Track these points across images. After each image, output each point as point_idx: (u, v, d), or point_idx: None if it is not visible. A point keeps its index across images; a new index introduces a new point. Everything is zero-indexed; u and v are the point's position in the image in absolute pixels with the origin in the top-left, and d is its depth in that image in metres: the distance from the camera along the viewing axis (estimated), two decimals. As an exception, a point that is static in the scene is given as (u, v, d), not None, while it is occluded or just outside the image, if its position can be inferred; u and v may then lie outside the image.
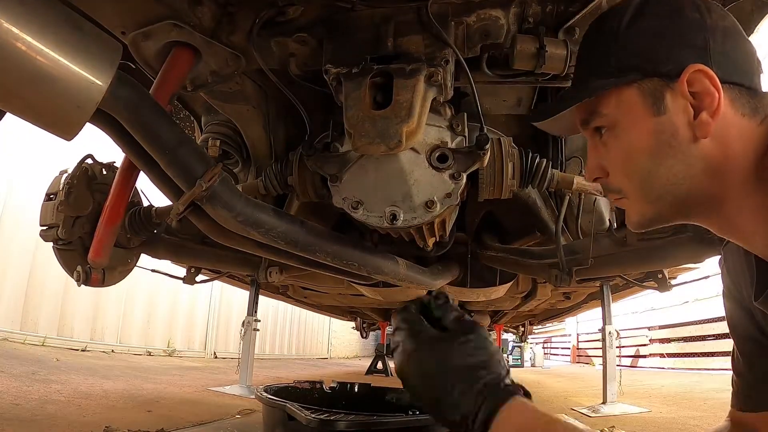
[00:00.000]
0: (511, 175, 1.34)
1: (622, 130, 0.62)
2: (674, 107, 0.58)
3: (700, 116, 0.56)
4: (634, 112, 0.60)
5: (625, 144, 0.62)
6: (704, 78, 0.56)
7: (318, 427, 1.18)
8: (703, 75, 0.56)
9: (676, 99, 0.58)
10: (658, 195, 0.61)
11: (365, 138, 1.02)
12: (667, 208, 0.61)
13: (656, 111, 0.59)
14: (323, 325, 11.41)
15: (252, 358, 3.55)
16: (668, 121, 0.58)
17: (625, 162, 0.62)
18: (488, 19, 1.09)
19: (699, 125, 0.57)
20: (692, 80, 0.57)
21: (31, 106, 0.76)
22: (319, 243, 1.32)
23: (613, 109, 0.62)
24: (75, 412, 1.98)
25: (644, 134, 0.60)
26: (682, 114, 0.58)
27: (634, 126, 0.61)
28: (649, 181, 0.61)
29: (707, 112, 0.56)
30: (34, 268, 4.43)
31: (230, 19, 1.13)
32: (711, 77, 0.56)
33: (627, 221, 0.66)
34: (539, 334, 13.35)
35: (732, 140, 0.57)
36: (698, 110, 0.57)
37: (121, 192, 1.24)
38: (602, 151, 0.65)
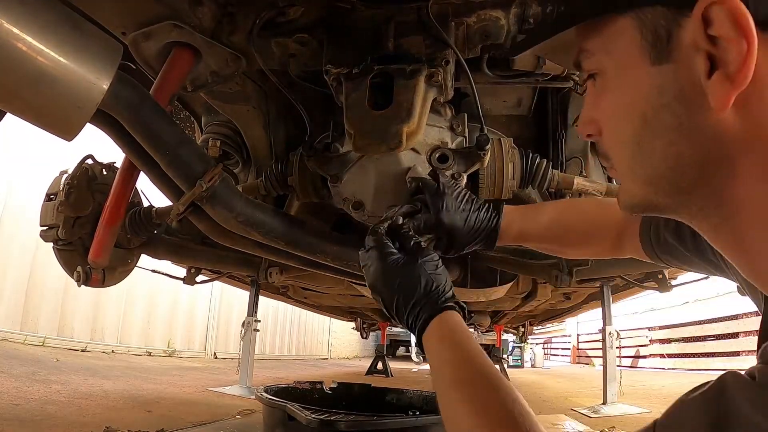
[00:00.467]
0: (512, 176, 1.34)
1: (610, 78, 0.46)
2: (683, 54, 0.39)
3: (719, 72, 0.37)
4: (628, 53, 0.43)
5: (615, 98, 0.46)
6: (731, 13, 0.36)
7: (318, 427, 1.18)
8: (730, 9, 0.36)
9: (687, 43, 0.39)
10: (649, 177, 0.45)
11: (366, 138, 1.02)
12: (660, 196, 0.45)
13: (656, 56, 0.41)
14: (323, 326, 11.41)
15: (252, 358, 3.55)
16: (671, 75, 0.40)
17: (615, 124, 0.47)
18: (488, 20, 1.09)
19: (716, 87, 0.37)
20: (713, 16, 0.37)
21: (32, 107, 0.76)
22: (319, 243, 1.32)
23: (600, 46, 0.46)
24: (75, 412, 1.98)
25: (637, 89, 0.43)
26: (693, 70, 0.39)
27: (624, 74, 0.44)
28: (640, 156, 0.44)
29: (732, 67, 0.36)
30: (34, 268, 4.43)
31: (230, 20, 1.13)
32: (741, 14, 0.36)
33: (617, 198, 0.52)
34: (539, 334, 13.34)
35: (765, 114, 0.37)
36: (718, 63, 0.37)
37: (121, 192, 1.24)
38: (595, 102, 0.49)
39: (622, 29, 0.43)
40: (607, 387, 3.16)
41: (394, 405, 1.92)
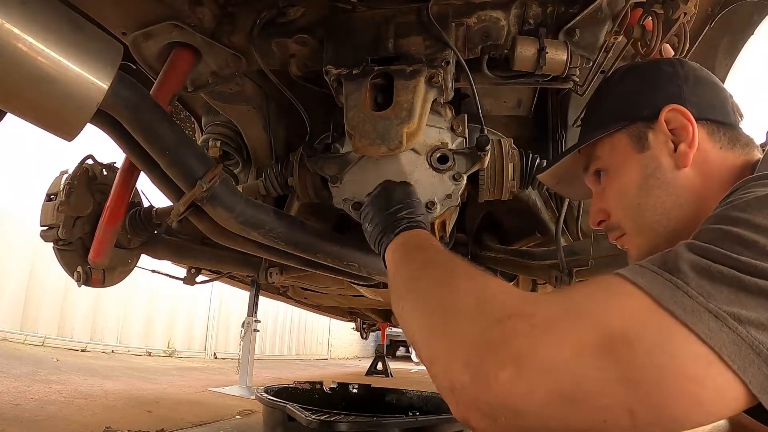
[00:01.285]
0: (512, 176, 1.34)
1: (614, 170, 0.71)
2: (656, 143, 0.67)
3: (679, 147, 0.64)
4: (623, 152, 0.70)
5: (619, 181, 0.70)
6: (679, 115, 0.65)
7: (318, 427, 1.18)
8: (678, 112, 0.65)
9: (657, 136, 0.66)
10: (650, 226, 0.67)
11: (366, 139, 1.02)
12: (661, 238, 0.66)
13: (641, 149, 0.68)
14: (323, 326, 11.40)
15: (252, 358, 3.55)
16: (651, 155, 0.67)
17: (619, 197, 0.70)
18: (489, 21, 1.09)
19: (679, 156, 0.64)
20: (669, 118, 0.66)
21: (32, 107, 0.76)
22: (320, 244, 1.32)
23: (607, 152, 0.72)
24: (75, 412, 1.97)
25: (632, 170, 0.68)
26: (664, 148, 0.66)
27: (623, 164, 0.70)
28: (641, 213, 0.67)
29: (685, 143, 0.64)
30: (34, 268, 4.43)
31: (231, 20, 1.13)
32: (685, 113, 0.65)
33: (629, 260, 0.71)
34: (539, 335, 13.34)
35: (712, 169, 0.64)
36: (677, 143, 0.65)
37: (121, 192, 1.24)
38: (602, 196, 0.74)
39: (618, 138, 0.71)
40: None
41: (394, 405, 1.92)
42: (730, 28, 1.41)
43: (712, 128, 0.66)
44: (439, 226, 1.33)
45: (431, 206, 1.15)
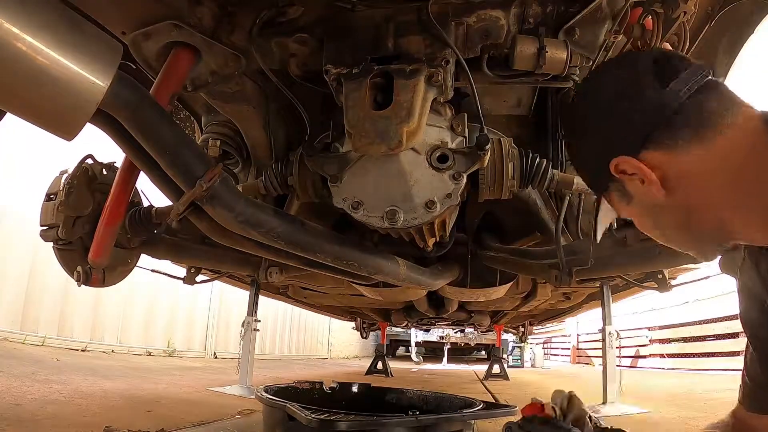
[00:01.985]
0: (512, 176, 1.34)
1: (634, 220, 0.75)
2: (633, 190, 0.69)
3: (645, 185, 0.66)
4: (622, 208, 0.74)
5: (640, 227, 0.75)
6: (621, 165, 0.66)
7: (318, 427, 1.18)
8: (621, 164, 0.66)
9: (629, 185, 0.69)
10: (686, 243, 0.72)
11: (365, 138, 1.02)
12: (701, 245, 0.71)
13: (629, 200, 0.71)
14: (323, 326, 11.40)
15: (252, 358, 3.54)
16: (638, 201, 0.69)
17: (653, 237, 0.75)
18: (488, 20, 1.09)
19: (650, 190, 0.66)
20: (621, 170, 0.67)
21: (32, 107, 0.76)
22: (319, 243, 1.32)
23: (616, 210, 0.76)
24: (75, 411, 1.97)
25: (639, 217, 0.73)
26: (640, 190, 0.68)
27: (631, 215, 0.74)
28: (672, 239, 0.73)
29: (645, 183, 0.65)
30: (34, 268, 4.42)
31: (230, 19, 1.13)
32: (625, 160, 0.66)
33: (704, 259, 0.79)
34: (539, 334, 13.32)
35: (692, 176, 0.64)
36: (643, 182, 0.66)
37: (121, 192, 1.24)
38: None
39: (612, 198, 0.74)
40: (607, 387, 3.16)
41: (394, 405, 1.92)
42: (729, 27, 1.41)
43: (660, 140, 0.64)
44: (439, 225, 1.33)
45: (431, 206, 1.15)
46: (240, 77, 1.31)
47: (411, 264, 1.68)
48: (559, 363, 12.57)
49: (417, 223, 1.16)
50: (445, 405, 1.82)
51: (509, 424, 0.92)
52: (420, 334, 10.52)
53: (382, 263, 1.52)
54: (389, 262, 1.55)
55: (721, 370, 5.93)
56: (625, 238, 1.64)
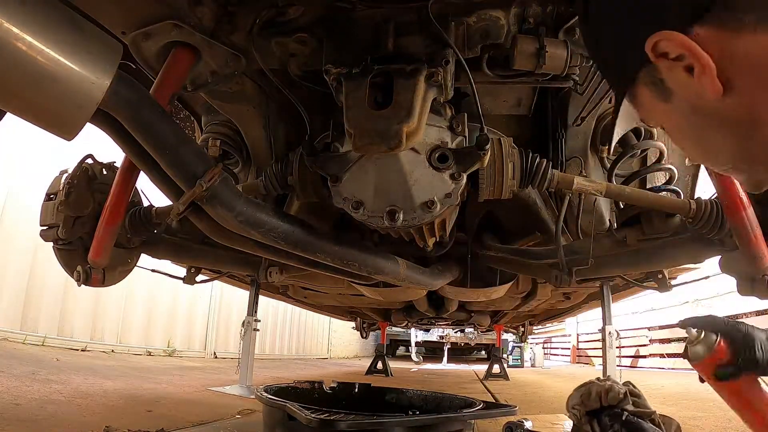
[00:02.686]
0: (512, 176, 1.34)
1: (665, 126, 0.58)
2: (674, 83, 0.51)
3: (696, 74, 0.48)
4: (655, 109, 0.56)
5: (675, 138, 0.59)
6: (664, 41, 0.48)
7: (318, 426, 1.18)
8: (662, 40, 0.49)
9: (669, 75, 0.51)
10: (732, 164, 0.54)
11: (365, 138, 1.02)
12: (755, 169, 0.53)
13: (666, 97, 0.53)
14: (323, 326, 11.41)
15: (252, 358, 3.54)
16: (679, 99, 0.52)
17: (689, 152, 0.59)
18: (488, 20, 1.09)
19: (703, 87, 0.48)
20: (662, 51, 0.49)
21: (32, 106, 0.76)
22: (319, 243, 1.32)
23: (644, 112, 0.58)
24: (75, 411, 1.97)
25: (675, 123, 0.55)
26: (684, 84, 0.50)
27: (665, 119, 0.57)
28: (717, 158, 0.55)
29: (698, 68, 0.47)
30: (34, 267, 4.42)
31: (230, 19, 1.13)
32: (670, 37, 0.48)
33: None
34: (539, 334, 13.34)
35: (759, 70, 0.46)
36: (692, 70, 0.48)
37: (121, 192, 1.24)
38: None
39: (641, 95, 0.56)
40: (607, 387, 3.15)
41: (394, 404, 1.92)
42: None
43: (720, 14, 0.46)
44: (439, 225, 1.33)
45: (431, 205, 1.15)
46: (240, 77, 1.31)
47: (411, 264, 1.68)
48: (559, 363, 12.57)
49: (417, 222, 1.16)
50: (445, 405, 1.82)
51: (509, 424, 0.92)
52: (420, 333, 10.53)
53: (382, 263, 1.52)
54: (389, 262, 1.55)
55: (721, 370, 5.93)
56: (625, 238, 1.64)
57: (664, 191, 1.60)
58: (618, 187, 1.45)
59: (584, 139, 1.60)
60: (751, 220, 1.28)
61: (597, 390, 1.06)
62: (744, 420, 0.96)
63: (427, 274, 1.81)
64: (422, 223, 1.17)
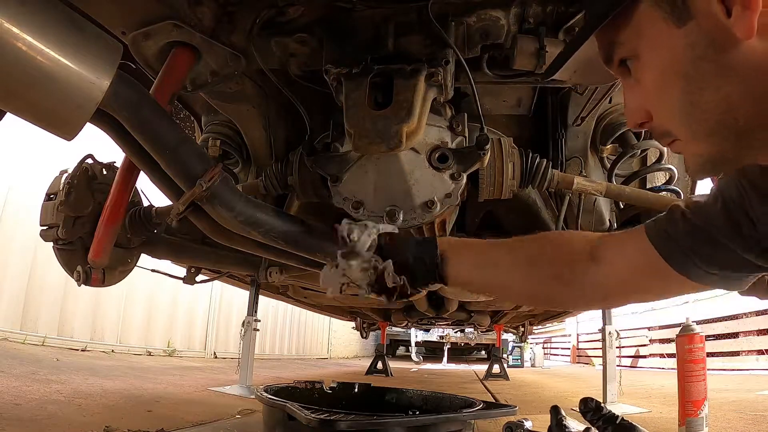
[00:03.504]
0: (512, 176, 1.34)
1: (647, 57, 0.50)
2: (699, 8, 0.44)
3: (734, 10, 0.42)
4: (655, 30, 0.48)
5: (657, 74, 0.50)
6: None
7: (318, 427, 1.18)
8: None
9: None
10: (710, 128, 0.48)
11: (365, 138, 1.02)
12: (727, 142, 0.48)
13: (678, 20, 0.46)
14: (323, 325, 11.41)
15: (252, 358, 3.54)
16: (697, 28, 0.45)
17: (662, 95, 0.50)
18: (488, 20, 1.09)
19: (738, 19, 0.42)
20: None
21: (32, 106, 0.76)
22: (319, 243, 1.32)
23: (633, 34, 0.50)
24: (75, 412, 1.97)
25: (674, 55, 0.47)
26: (714, 15, 0.44)
27: (658, 47, 0.48)
28: (696, 114, 0.48)
29: (741, 4, 0.42)
30: (34, 267, 4.43)
31: (230, 19, 1.13)
32: None
33: (686, 169, 0.55)
34: (539, 334, 13.33)
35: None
36: (729, 3, 0.43)
37: (121, 192, 1.24)
38: (637, 90, 0.53)
39: (642, 12, 0.48)
40: (607, 387, 3.16)
41: (394, 405, 1.92)
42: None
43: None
44: (439, 225, 1.33)
45: (431, 205, 1.15)
46: (240, 77, 1.31)
47: (411, 264, 1.68)
48: (559, 363, 12.57)
49: (417, 222, 1.16)
50: (445, 405, 1.82)
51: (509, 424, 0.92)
52: (420, 333, 10.53)
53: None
54: (389, 262, 1.55)
55: (720, 370, 5.93)
56: (625, 237, 1.64)
57: (664, 191, 1.60)
58: (618, 187, 1.45)
59: (584, 139, 1.60)
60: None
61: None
62: None
63: (427, 274, 1.81)
64: (422, 223, 1.17)
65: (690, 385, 2.49)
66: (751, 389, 3.78)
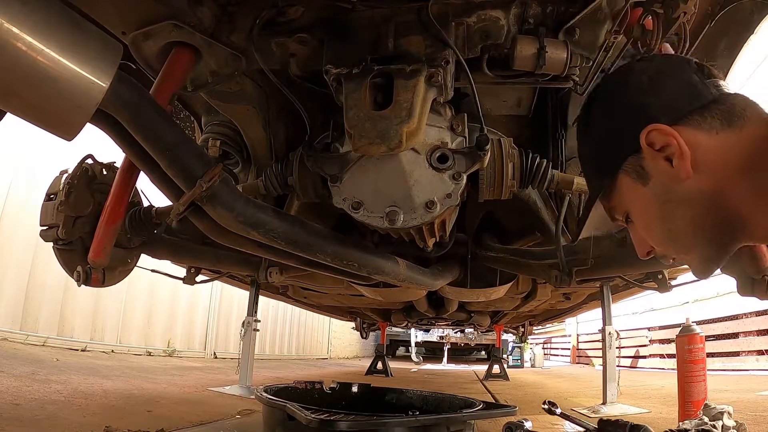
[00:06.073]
0: (511, 176, 1.34)
1: (634, 211, 0.71)
2: (653, 169, 0.65)
3: (674, 163, 0.63)
4: (632, 192, 0.69)
5: (642, 220, 0.71)
6: (656, 133, 0.63)
7: (318, 427, 1.18)
8: (654, 131, 0.63)
9: (651, 163, 0.65)
10: (692, 244, 0.66)
11: (365, 138, 1.02)
12: (708, 248, 0.66)
13: (644, 182, 0.67)
14: (323, 326, 11.40)
15: (252, 358, 3.54)
16: (656, 183, 0.66)
17: (652, 233, 0.70)
18: (488, 20, 1.09)
19: (678, 170, 0.62)
20: (650, 141, 0.64)
21: (32, 106, 0.76)
22: (319, 243, 1.32)
23: (618, 199, 0.72)
24: (75, 412, 1.97)
25: (648, 205, 0.68)
26: (663, 170, 0.64)
27: (638, 203, 0.70)
28: (678, 238, 0.67)
29: (677, 156, 0.62)
30: (34, 268, 4.42)
31: (230, 19, 1.13)
32: (660, 129, 0.63)
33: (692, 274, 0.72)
34: (539, 334, 13.34)
35: (719, 159, 0.62)
36: (671, 158, 0.63)
37: (121, 192, 1.24)
38: (636, 232, 0.74)
39: (621, 183, 0.70)
40: (607, 387, 3.16)
41: (394, 405, 1.92)
42: (730, 28, 1.41)
43: (695, 120, 0.64)
44: (439, 225, 1.33)
45: (431, 206, 1.15)
46: (240, 77, 1.31)
47: (411, 264, 1.68)
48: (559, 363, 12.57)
49: (417, 223, 1.16)
50: (445, 405, 1.82)
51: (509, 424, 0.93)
52: (420, 334, 10.53)
53: (383, 263, 1.52)
54: (389, 262, 1.55)
55: (720, 370, 5.93)
56: (625, 238, 1.64)
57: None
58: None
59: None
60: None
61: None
62: None
63: (427, 275, 1.81)
64: (422, 223, 1.17)
65: (690, 386, 2.49)
66: (750, 389, 3.78)
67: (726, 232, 0.64)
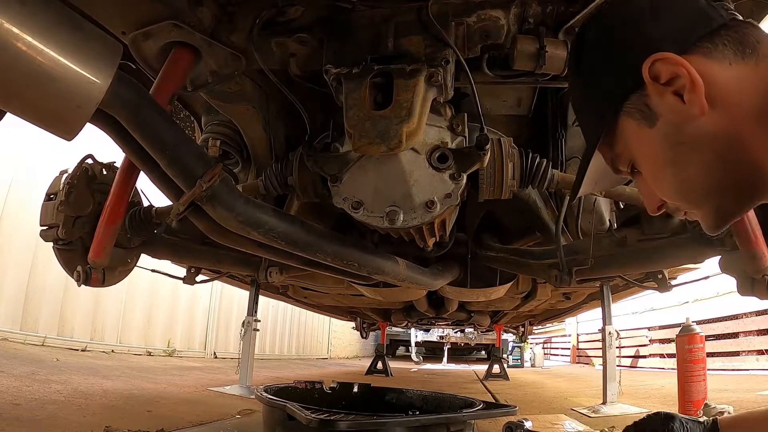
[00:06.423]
0: (511, 176, 1.34)
1: (641, 158, 0.62)
2: (661, 107, 0.56)
3: (685, 98, 0.53)
4: (636, 137, 0.60)
5: (650, 167, 0.61)
6: (661, 63, 0.54)
7: (318, 427, 1.18)
8: (660, 61, 0.54)
9: (657, 99, 0.56)
10: (705, 194, 0.58)
11: (365, 138, 1.02)
12: (724, 199, 0.58)
13: (651, 123, 0.57)
14: (323, 326, 11.40)
15: (252, 358, 3.54)
16: (665, 123, 0.56)
17: (661, 182, 0.61)
18: (488, 20, 1.09)
19: (691, 105, 0.53)
20: (655, 74, 0.55)
21: (32, 106, 0.76)
22: (319, 243, 1.32)
23: (621, 145, 0.63)
24: (75, 412, 1.97)
25: (656, 149, 0.58)
26: (672, 107, 0.55)
27: (644, 148, 0.60)
28: (690, 187, 0.58)
29: (687, 90, 0.53)
30: (34, 268, 4.42)
31: (230, 19, 1.13)
32: (667, 58, 0.54)
33: (703, 229, 0.64)
34: (539, 334, 13.33)
35: (734, 93, 0.53)
36: (681, 93, 0.54)
37: (121, 192, 1.24)
38: (644, 183, 0.65)
39: (623, 127, 0.61)
40: (607, 387, 3.16)
41: (394, 405, 1.92)
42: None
43: (705, 47, 0.54)
44: (439, 225, 1.33)
45: (431, 205, 1.15)
46: (240, 77, 1.31)
47: (411, 264, 1.68)
48: (559, 363, 12.57)
49: (417, 223, 1.16)
50: (445, 405, 1.82)
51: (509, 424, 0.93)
52: (420, 334, 10.53)
53: (383, 263, 1.52)
54: (389, 262, 1.55)
55: (720, 370, 5.93)
56: (625, 238, 1.64)
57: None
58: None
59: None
60: (751, 220, 1.28)
61: None
62: None
63: (427, 274, 1.81)
64: (422, 223, 1.17)
65: (690, 385, 2.49)
66: (750, 389, 3.78)
67: (747, 184, 0.55)
